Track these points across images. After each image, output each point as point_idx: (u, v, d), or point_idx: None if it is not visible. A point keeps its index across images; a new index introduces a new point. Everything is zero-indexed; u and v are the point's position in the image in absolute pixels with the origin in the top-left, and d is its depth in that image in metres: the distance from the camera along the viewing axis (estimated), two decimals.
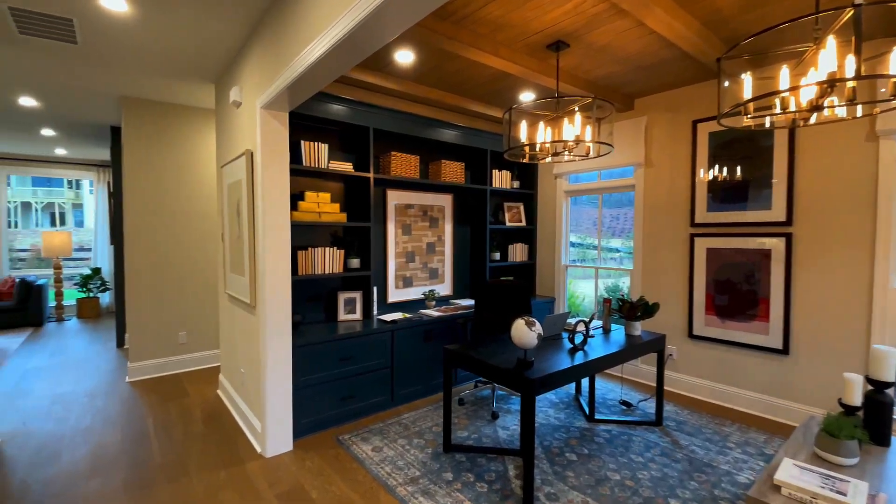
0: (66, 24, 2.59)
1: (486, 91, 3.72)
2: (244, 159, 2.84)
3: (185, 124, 4.30)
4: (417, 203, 4.01)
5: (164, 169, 4.20)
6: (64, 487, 2.35)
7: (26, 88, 3.79)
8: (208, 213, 4.44)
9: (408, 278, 3.96)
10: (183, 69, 3.35)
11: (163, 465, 2.57)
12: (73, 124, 5.07)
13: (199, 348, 4.42)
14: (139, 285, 4.09)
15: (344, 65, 1.96)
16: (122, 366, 4.49)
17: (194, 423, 3.14)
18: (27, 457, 2.66)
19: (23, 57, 3.11)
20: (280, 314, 2.69)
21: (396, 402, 3.39)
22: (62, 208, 15.36)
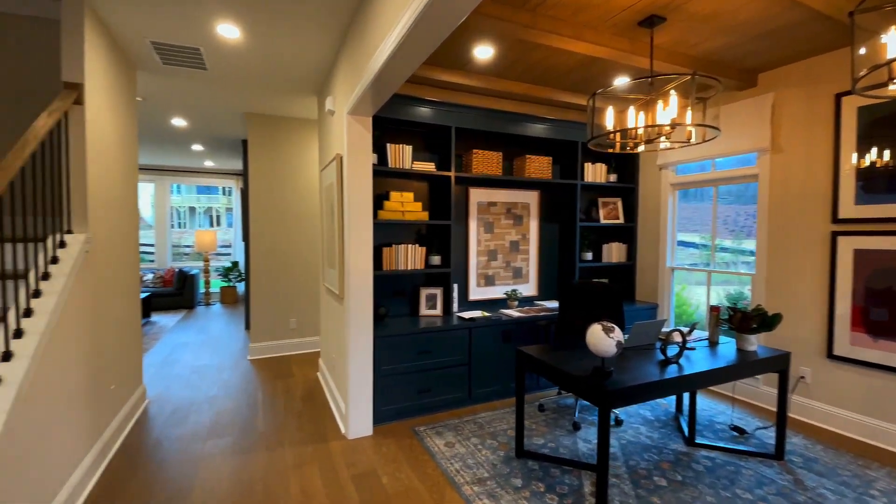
0: (195, 52, 3.07)
1: (575, 79, 3.50)
2: (336, 163, 3.07)
3: (295, 134, 4.81)
4: (501, 200, 3.94)
5: (279, 175, 4.76)
6: (186, 445, 2.79)
7: (177, 110, 4.60)
8: (312, 214, 4.91)
9: (490, 277, 3.92)
10: (291, 84, 3.75)
11: (264, 434, 2.91)
12: (215, 139, 6.02)
13: (306, 334, 4.92)
14: (260, 276, 4.69)
15: (415, 57, 1.96)
16: (246, 345, 5.20)
17: (294, 401, 3.49)
18: (164, 417, 3.23)
19: (171, 84, 3.77)
20: (362, 305, 2.86)
21: (474, 400, 3.38)
22: (218, 212, 18.20)
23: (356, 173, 2.82)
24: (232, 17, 2.61)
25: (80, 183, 2.36)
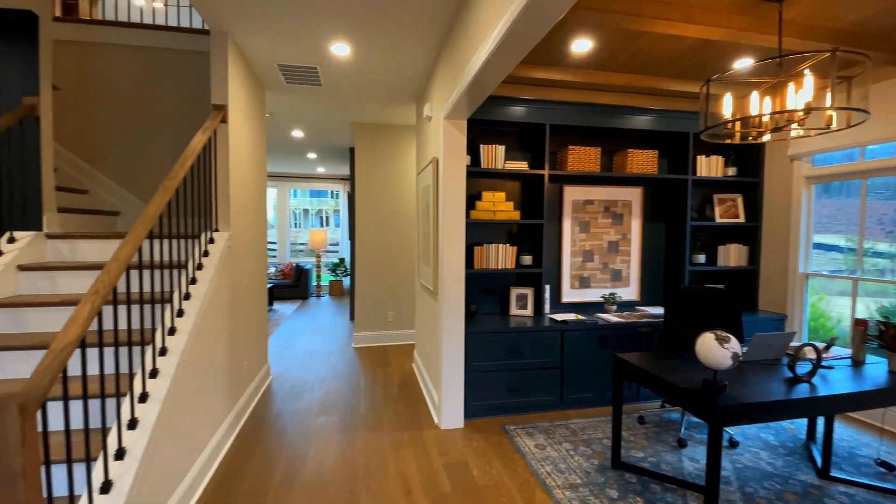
0: (313, 71, 3.44)
1: (684, 66, 3.21)
2: (432, 166, 3.22)
3: (395, 140, 5.13)
4: (598, 198, 3.77)
5: (380, 178, 5.11)
6: (301, 419, 3.15)
7: (296, 123, 5.18)
8: (409, 214, 5.18)
9: (584, 278, 3.77)
10: (392, 94, 4.01)
11: (365, 417, 3.17)
12: (326, 147, 6.65)
13: (402, 326, 5.21)
14: (363, 272, 5.10)
15: (511, 59, 1.99)
16: (351, 334, 5.68)
17: (392, 388, 3.74)
18: (284, 393, 3.67)
19: (292, 101, 4.27)
20: (455, 302, 2.96)
21: (565, 405, 3.29)
22: (327, 213, 20.01)
23: (451, 175, 2.93)
24: (344, 37, 2.88)
25: (224, 189, 2.81)
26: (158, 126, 3.64)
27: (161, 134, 3.63)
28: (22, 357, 2.04)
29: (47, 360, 1.26)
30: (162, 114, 3.64)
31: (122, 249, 1.66)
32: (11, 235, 2.46)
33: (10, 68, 2.60)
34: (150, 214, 1.86)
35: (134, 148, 3.62)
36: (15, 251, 2.39)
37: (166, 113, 3.65)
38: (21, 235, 2.49)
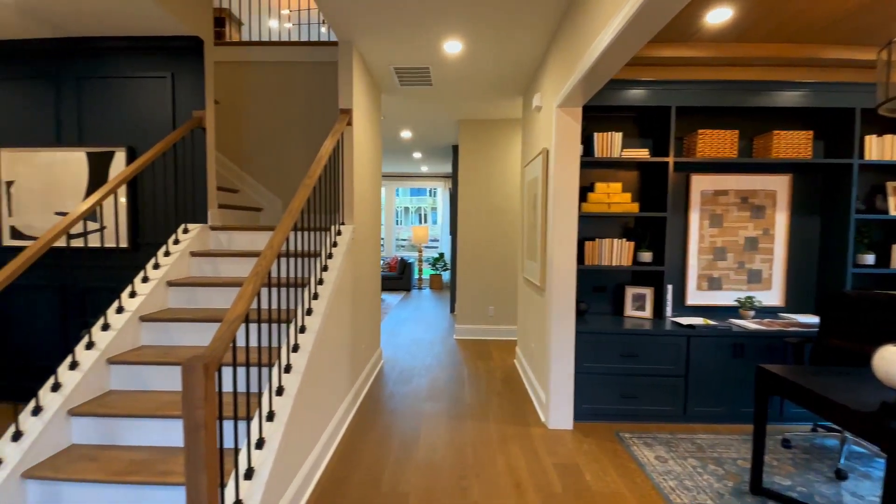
0: (425, 71, 3.57)
1: (849, 28, 2.68)
2: (541, 157, 3.14)
3: (499, 135, 5.11)
4: (734, 188, 3.33)
5: (483, 174, 5.14)
6: (412, 403, 3.31)
7: (405, 124, 5.44)
8: (511, 209, 5.13)
9: (715, 279, 3.37)
10: (499, 88, 4.00)
11: (471, 407, 3.22)
12: (431, 146, 6.89)
13: (502, 322, 5.20)
14: (464, 267, 5.19)
15: (637, 42, 1.86)
16: (451, 326, 5.82)
17: (495, 382, 3.75)
18: (394, 376, 3.89)
19: (403, 102, 4.49)
20: (565, 299, 2.85)
21: (689, 417, 2.98)
22: (425, 210, 20.73)
23: (563, 166, 2.82)
24: (457, 34, 2.94)
25: (349, 186, 3.06)
26: (291, 131, 4.09)
27: (293, 138, 4.08)
28: (194, 328, 2.45)
29: (221, 329, 1.48)
30: (294, 120, 4.08)
31: (274, 238, 1.89)
32: (185, 227, 2.96)
33: (185, 86, 3.13)
34: (295, 208, 2.09)
35: (272, 152, 4.12)
36: (188, 240, 2.88)
37: (297, 119, 4.08)
38: (192, 227, 2.99)
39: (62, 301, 3.18)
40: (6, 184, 3.19)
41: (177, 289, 2.66)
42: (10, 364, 3.27)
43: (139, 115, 3.15)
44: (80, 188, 3.14)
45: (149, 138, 3.14)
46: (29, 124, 3.19)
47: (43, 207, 3.17)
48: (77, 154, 3.13)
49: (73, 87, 3.15)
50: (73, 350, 2.12)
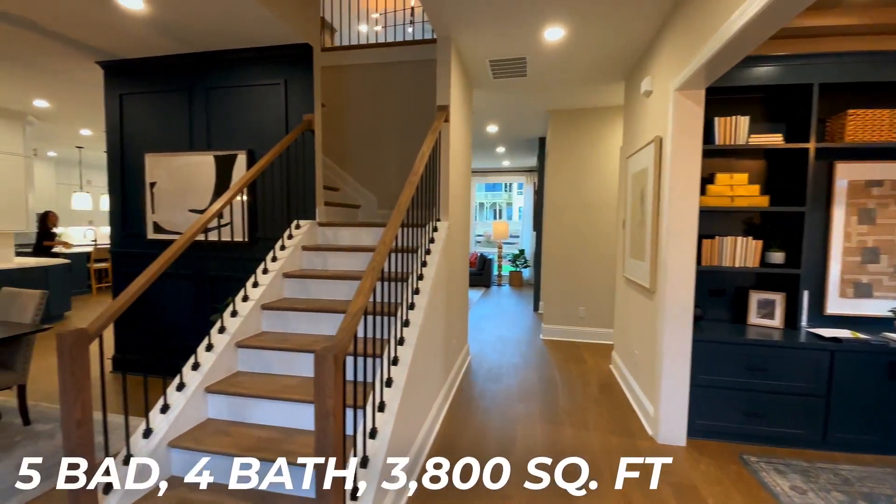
0: (521, 62, 3.46)
1: None
2: (652, 147, 2.89)
3: (592, 124, 4.83)
4: (891, 178, 2.80)
5: (574, 166, 4.90)
6: (504, 402, 3.25)
7: (492, 118, 5.36)
8: (607, 203, 4.83)
9: (863, 285, 2.86)
10: (600, 74, 3.76)
11: (567, 411, 3.08)
12: (515, 140, 6.74)
13: (594, 324, 4.93)
14: (552, 265, 5.00)
15: (795, 7, 1.61)
16: (536, 325, 5.67)
17: (590, 387, 3.56)
18: (483, 373, 3.86)
19: (491, 96, 4.41)
20: (680, 303, 2.60)
21: (830, 444, 2.57)
22: (500, 206, 20.55)
23: (681, 155, 2.56)
24: (559, 20, 2.79)
25: (445, 183, 3.07)
26: (386, 131, 4.21)
27: (387, 137, 4.20)
28: (307, 317, 2.61)
29: (346, 321, 1.53)
30: (388, 120, 4.20)
31: (386, 234, 1.93)
32: (297, 223, 3.18)
33: (295, 92, 3.35)
34: (403, 205, 2.12)
35: (368, 151, 4.28)
36: (300, 235, 3.08)
37: (391, 119, 4.19)
38: (303, 223, 3.20)
39: (195, 288, 3.59)
40: (150, 185, 3.67)
41: (291, 280, 2.85)
42: (157, 343, 3.76)
43: (257, 121, 3.43)
44: (208, 188, 3.51)
45: (265, 141, 3.42)
46: (167, 132, 3.63)
47: (179, 205, 3.60)
48: (206, 157, 3.50)
49: (203, 97, 3.52)
50: (210, 333, 2.36)
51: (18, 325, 2.81)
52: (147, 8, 2.71)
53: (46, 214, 6.87)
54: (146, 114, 3.67)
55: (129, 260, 3.77)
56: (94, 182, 9.28)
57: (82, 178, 9.01)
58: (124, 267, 3.79)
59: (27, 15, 2.81)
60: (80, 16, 2.83)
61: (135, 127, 3.71)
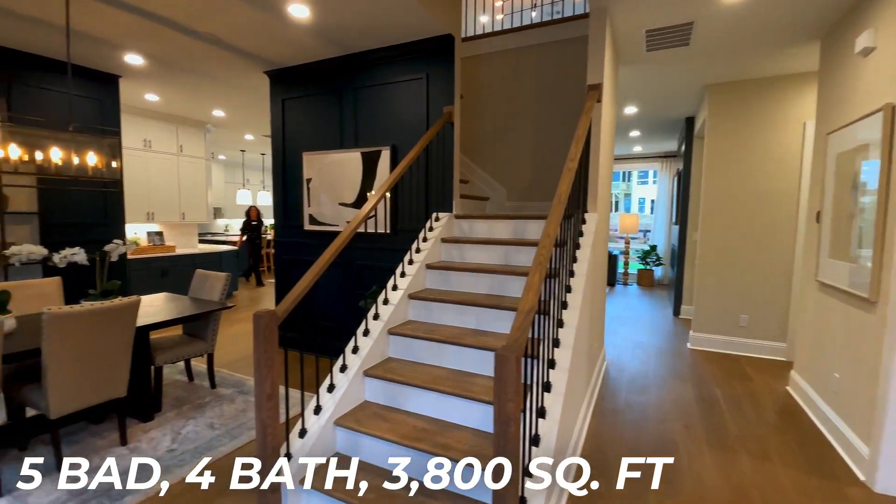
0: (685, 29, 3.00)
1: None
2: (879, 117, 2.26)
3: (767, 97, 4.05)
4: None
5: (736, 148, 4.17)
6: (655, 418, 2.89)
7: (631, 98, 4.85)
8: (784, 191, 4.02)
9: None
10: (787, 35, 3.10)
11: (739, 437, 2.62)
12: (655, 122, 6.05)
13: (761, 336, 4.18)
14: (706, 264, 4.36)
15: None
16: (679, 332, 5.03)
17: (764, 411, 2.99)
18: (624, 382, 3.50)
19: (636, 72, 3.95)
20: None
21: None
22: (616, 197, 18.93)
23: None
24: None
25: (595, 171, 2.80)
26: (516, 120, 4.05)
27: (518, 127, 4.04)
28: (451, 308, 2.60)
29: (519, 320, 1.42)
30: (520, 108, 4.03)
31: (549, 227, 1.78)
32: (437, 216, 3.20)
33: (436, 85, 3.36)
34: (563, 194, 1.95)
35: (498, 141, 4.17)
36: (440, 227, 3.10)
37: (523, 107, 4.01)
38: (442, 216, 3.21)
39: (343, 275, 3.88)
40: (306, 181, 4.04)
41: (433, 271, 2.88)
42: (311, 322, 4.17)
43: (399, 117, 3.54)
44: (356, 182, 3.74)
45: (407, 136, 3.51)
46: (321, 132, 3.95)
47: (330, 199, 3.90)
48: (354, 154, 3.72)
49: (351, 97, 3.74)
50: (366, 318, 2.48)
51: (209, 302, 3.30)
52: (311, 15, 2.93)
53: (250, 209, 7.91)
54: (303, 116, 4.05)
55: (289, 248, 4.22)
56: (251, 181, 10.79)
57: (244, 177, 10.53)
58: (285, 254, 4.25)
59: (214, 32, 3.25)
60: (255, 29, 3.18)
61: (294, 128, 4.11)
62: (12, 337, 2.30)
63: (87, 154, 2.72)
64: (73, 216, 4.03)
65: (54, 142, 2.57)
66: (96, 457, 2.38)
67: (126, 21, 3.04)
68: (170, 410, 2.96)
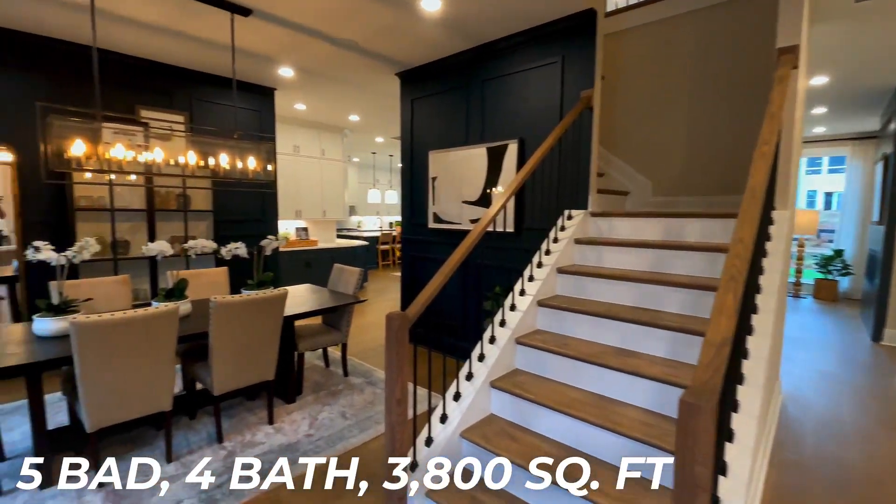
0: None
1: None
2: None
3: None
4: None
5: None
6: (862, 480, 2.17)
7: (822, 66, 3.83)
8: None
9: None
10: None
11: None
12: (847, 96, 4.77)
13: None
14: None
15: None
16: (882, 364, 3.87)
17: None
18: (810, 426, 2.75)
19: (833, 33, 3.06)
20: None
21: None
22: None
23: None
24: None
25: (787, 157, 2.21)
26: (666, 100, 3.48)
27: (670, 109, 3.46)
28: (585, 320, 2.28)
29: (709, 355, 1.08)
30: (671, 87, 3.45)
31: (743, 230, 1.37)
32: (570, 213, 2.88)
33: (573, 68, 3.03)
34: (758, 188, 1.50)
35: (643, 127, 3.64)
36: (573, 227, 2.78)
37: (675, 85, 3.43)
38: (576, 213, 2.88)
39: (464, 273, 3.78)
40: (431, 179, 4.03)
41: (564, 276, 2.58)
42: (432, 319, 4.19)
43: (529, 107, 3.29)
44: (479, 179, 3.60)
45: (536, 128, 3.25)
46: (447, 129, 3.90)
47: (453, 197, 3.83)
48: (479, 150, 3.59)
49: (479, 90, 3.60)
50: (493, 323, 2.31)
51: (344, 295, 3.48)
52: (442, 6, 2.85)
53: None
54: (430, 114, 4.05)
55: (415, 245, 4.29)
56: (380, 181, 11.53)
57: (374, 177, 11.30)
58: (411, 251, 4.33)
59: (350, 37, 3.38)
60: (388, 29, 3.21)
61: (421, 127, 4.14)
62: (188, 320, 2.66)
63: (248, 159, 3.04)
64: (238, 213, 4.65)
65: (223, 148, 2.91)
66: (248, 432, 2.63)
67: (279, 35, 3.33)
68: (309, 394, 3.18)
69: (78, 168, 2.32)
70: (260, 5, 2.88)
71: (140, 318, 2.03)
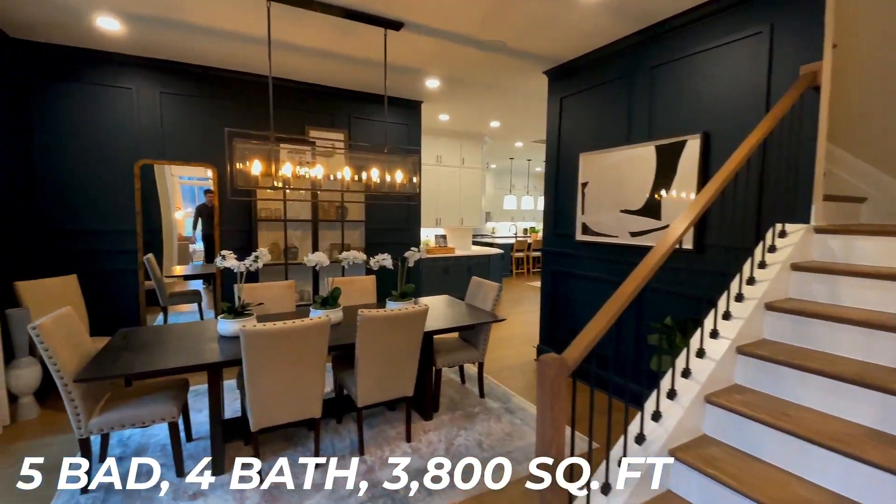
0: None
1: None
2: None
3: None
4: None
5: None
6: None
7: None
8: None
9: None
10: None
11: None
12: None
13: None
14: None
15: None
16: None
17: None
18: None
19: None
20: None
21: None
22: None
23: None
24: None
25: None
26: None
27: None
28: (816, 383, 1.63)
29: None
30: None
31: None
32: (783, 228, 2.17)
33: (785, 38, 2.30)
34: None
35: (888, 111, 2.63)
36: (788, 246, 2.08)
37: None
38: (791, 228, 2.16)
39: None
40: (581, 185, 3.59)
41: (775, 315, 1.93)
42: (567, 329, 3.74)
43: (716, 93, 2.64)
44: (645, 185, 3.04)
45: (727, 119, 2.58)
46: (603, 127, 3.42)
47: (609, 205, 3.33)
48: (645, 149, 3.03)
49: (646, 79, 3.05)
50: (673, 373, 1.82)
51: (482, 311, 3.28)
52: None
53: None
54: (582, 113, 3.61)
55: (558, 259, 3.89)
56: (517, 186, 11.26)
57: (511, 183, 11.09)
58: (553, 266, 3.95)
59: (499, 38, 3.16)
60: (539, 22, 2.91)
61: (571, 128, 3.73)
62: (339, 328, 2.76)
63: (396, 172, 3.07)
64: (386, 222, 4.86)
65: (374, 163, 2.98)
66: (387, 447, 2.60)
67: (427, 46, 3.31)
68: (445, 413, 3.06)
69: (256, 186, 2.57)
70: (410, 17, 2.86)
71: (297, 329, 2.11)
